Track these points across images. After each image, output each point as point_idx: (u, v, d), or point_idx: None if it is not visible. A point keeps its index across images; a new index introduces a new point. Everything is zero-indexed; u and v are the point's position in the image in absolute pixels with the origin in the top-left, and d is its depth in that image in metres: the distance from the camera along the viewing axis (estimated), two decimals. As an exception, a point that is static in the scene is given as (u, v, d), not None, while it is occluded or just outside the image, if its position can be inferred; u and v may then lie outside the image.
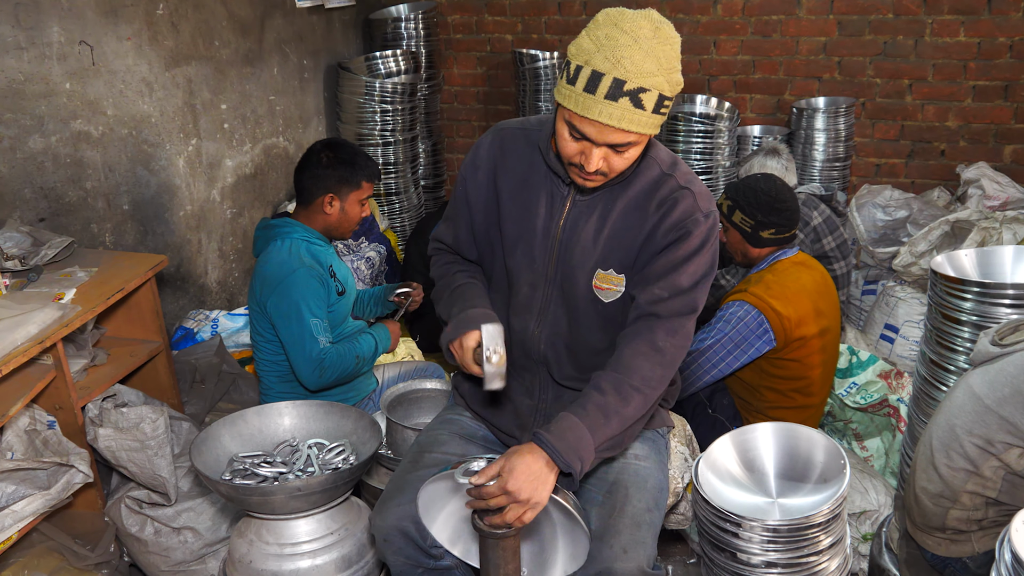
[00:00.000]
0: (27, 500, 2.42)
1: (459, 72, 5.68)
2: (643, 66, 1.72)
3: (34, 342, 2.42)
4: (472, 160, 2.14)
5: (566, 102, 1.79)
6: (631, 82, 1.72)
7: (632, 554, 1.93)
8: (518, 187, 2.07)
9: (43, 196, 3.19)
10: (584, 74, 1.75)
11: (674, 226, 1.96)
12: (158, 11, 3.60)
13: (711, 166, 4.66)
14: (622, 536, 1.96)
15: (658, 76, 1.73)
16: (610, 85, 1.72)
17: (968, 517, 2.12)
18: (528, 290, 2.10)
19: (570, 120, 1.81)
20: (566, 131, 1.84)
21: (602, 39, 1.74)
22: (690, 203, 1.97)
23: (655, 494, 2.08)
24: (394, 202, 4.99)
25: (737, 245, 3.10)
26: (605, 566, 1.92)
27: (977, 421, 2.06)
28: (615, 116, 1.75)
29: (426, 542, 2.06)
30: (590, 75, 1.74)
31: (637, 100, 1.73)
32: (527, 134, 2.09)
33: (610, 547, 1.94)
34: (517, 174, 2.07)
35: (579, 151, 1.85)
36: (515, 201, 2.07)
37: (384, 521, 2.05)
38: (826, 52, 4.94)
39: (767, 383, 3.02)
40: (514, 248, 2.09)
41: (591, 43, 1.76)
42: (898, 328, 4.00)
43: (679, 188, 1.98)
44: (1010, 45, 4.63)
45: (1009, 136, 4.79)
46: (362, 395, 3.11)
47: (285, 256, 2.86)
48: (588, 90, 1.74)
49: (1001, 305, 2.40)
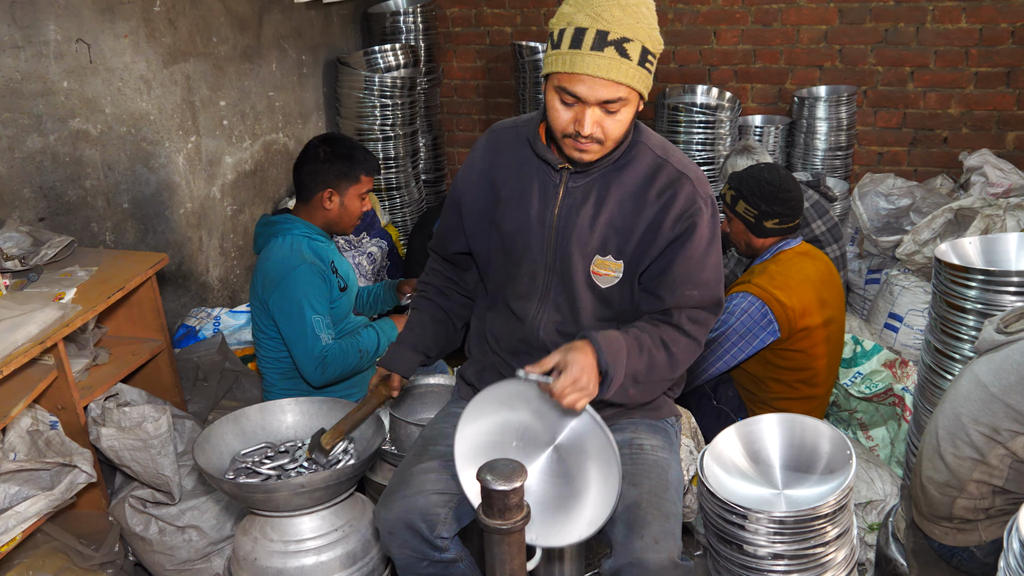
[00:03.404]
0: (31, 501, 2.41)
1: (458, 65, 5.66)
2: (623, 19, 1.78)
3: (35, 342, 2.41)
4: (468, 162, 2.19)
5: (554, 66, 1.84)
6: (614, 32, 1.78)
7: (663, 545, 1.93)
8: (512, 180, 2.10)
9: (42, 196, 3.18)
10: (568, 34, 1.80)
11: (679, 217, 1.98)
12: (155, 8, 3.59)
13: (713, 156, 4.65)
14: (652, 527, 1.95)
15: (638, 27, 1.80)
16: (594, 37, 1.78)
17: (975, 506, 2.11)
18: (528, 279, 2.12)
19: (559, 84, 1.85)
20: (557, 100, 1.88)
21: (580, 1, 1.81)
22: (690, 190, 1.99)
23: (676, 485, 2.09)
24: (395, 197, 4.97)
25: (741, 235, 3.09)
26: (637, 556, 1.92)
27: (983, 409, 2.05)
28: (603, 67, 1.79)
29: (432, 533, 2.05)
30: (574, 33, 1.79)
31: (622, 49, 1.79)
32: (518, 129, 2.13)
33: (641, 537, 1.94)
34: (511, 168, 2.11)
35: (572, 119, 1.88)
36: (510, 194, 2.10)
37: (389, 514, 2.05)
38: (827, 40, 4.91)
39: (772, 374, 3.01)
40: (513, 241, 2.11)
41: (571, 7, 1.82)
42: (902, 317, 3.99)
43: (677, 175, 2.00)
44: (1012, 31, 4.61)
45: (1012, 123, 4.77)
46: (365, 392, 3.11)
47: (287, 253, 2.86)
48: (574, 46, 1.80)
49: (1006, 292, 2.39)
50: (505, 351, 2.20)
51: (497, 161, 2.13)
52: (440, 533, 2.06)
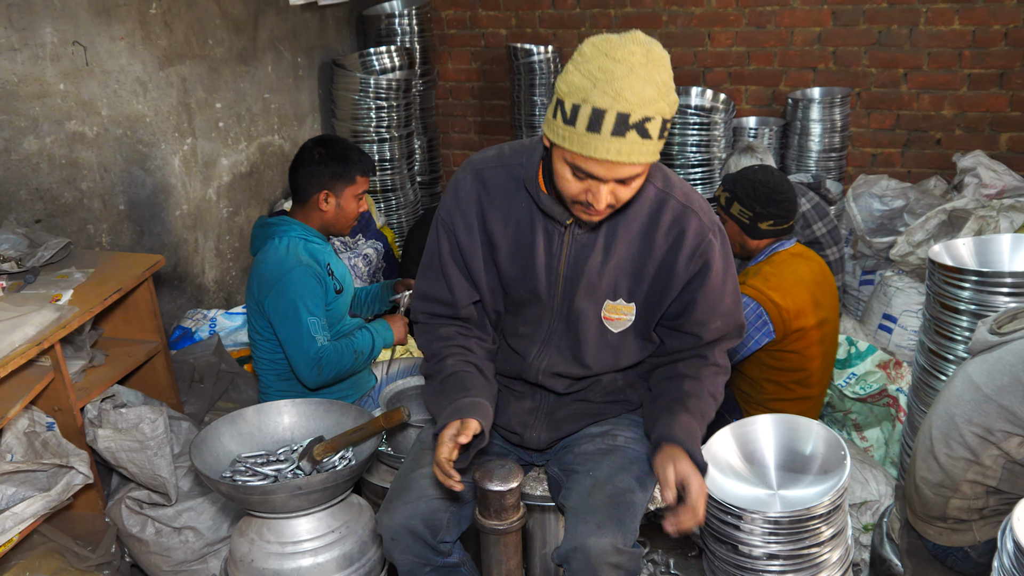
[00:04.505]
0: (27, 502, 2.41)
1: (453, 67, 5.67)
2: (644, 95, 1.64)
3: (32, 344, 2.41)
4: (454, 204, 2.00)
5: (567, 144, 1.70)
6: (635, 114, 1.64)
7: (606, 530, 1.93)
8: (511, 227, 1.98)
9: (39, 197, 3.18)
10: (584, 113, 1.65)
11: (692, 256, 1.94)
12: (151, 10, 3.59)
13: (707, 158, 4.66)
14: (598, 513, 1.96)
15: (659, 102, 1.66)
16: (615, 121, 1.64)
17: (969, 506, 2.12)
18: (533, 320, 2.06)
19: (573, 161, 1.72)
20: (568, 172, 1.76)
21: (595, 72, 1.64)
22: (697, 225, 1.93)
23: (641, 477, 2.06)
24: (391, 199, 4.98)
25: (735, 237, 3.10)
26: (580, 541, 1.93)
27: (976, 410, 2.06)
28: (624, 152, 1.67)
29: (435, 538, 2.06)
30: (591, 113, 1.65)
31: (643, 131, 1.66)
32: (508, 169, 1.98)
33: (585, 522, 1.95)
34: (507, 214, 1.97)
35: (584, 190, 1.77)
36: (510, 242, 1.98)
37: (392, 520, 2.05)
38: (821, 42, 4.93)
39: (767, 375, 3.02)
40: (516, 284, 2.02)
41: (584, 79, 1.66)
42: (896, 318, 4.00)
43: (682, 210, 1.93)
44: (1005, 33, 4.63)
45: (1005, 124, 4.79)
46: (361, 392, 3.11)
47: (283, 255, 2.86)
48: (592, 129, 1.65)
49: (999, 294, 2.40)
50: (501, 375, 2.18)
51: (489, 205, 1.97)
52: (443, 538, 2.06)
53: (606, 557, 1.92)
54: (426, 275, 2.08)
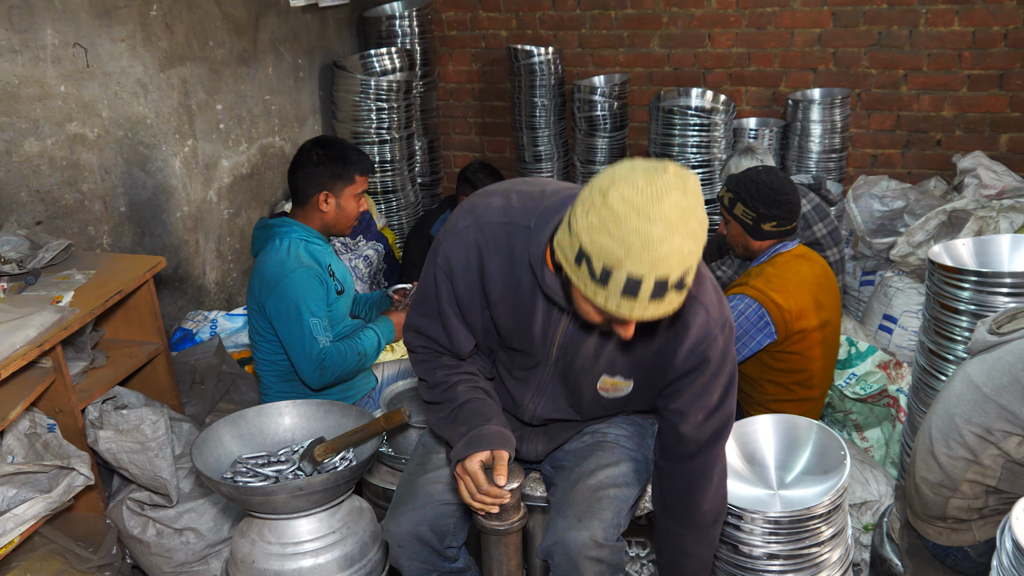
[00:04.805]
0: (28, 504, 2.42)
1: (454, 69, 5.67)
2: (683, 254, 1.46)
3: (33, 345, 2.42)
4: (453, 253, 1.85)
5: (598, 300, 1.52)
6: (674, 275, 1.47)
7: (585, 523, 1.93)
8: (510, 289, 1.84)
9: (39, 199, 3.19)
10: (618, 278, 1.47)
11: (692, 351, 1.80)
12: (152, 12, 3.60)
13: (708, 159, 4.66)
14: (578, 507, 1.96)
15: (697, 249, 1.49)
16: (653, 288, 1.47)
17: (968, 506, 2.12)
18: (528, 366, 1.97)
19: (598, 309, 1.59)
20: (592, 309, 1.62)
21: (630, 238, 1.44)
22: (703, 320, 1.79)
23: (627, 472, 2.05)
24: (391, 200, 4.98)
25: (738, 238, 3.10)
26: (560, 535, 1.93)
27: (976, 410, 2.06)
28: (661, 310, 1.52)
29: (441, 544, 2.06)
30: (626, 280, 1.47)
31: (681, 285, 1.50)
32: (513, 229, 1.79)
33: (565, 516, 1.95)
34: (508, 275, 1.83)
35: (607, 321, 1.64)
36: (507, 302, 1.86)
37: (399, 527, 2.05)
38: (821, 43, 4.93)
39: (768, 376, 3.02)
40: (511, 337, 1.91)
41: (617, 245, 1.45)
42: (896, 318, 4.00)
43: (691, 301, 1.77)
44: (1004, 34, 4.63)
45: (1005, 125, 4.79)
46: (362, 393, 3.12)
47: (283, 256, 2.86)
48: (627, 294, 1.48)
49: (999, 294, 2.40)
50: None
51: (489, 262, 1.83)
52: (450, 543, 2.07)
53: (586, 551, 1.92)
54: (422, 312, 1.96)
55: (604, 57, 5.31)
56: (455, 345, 1.95)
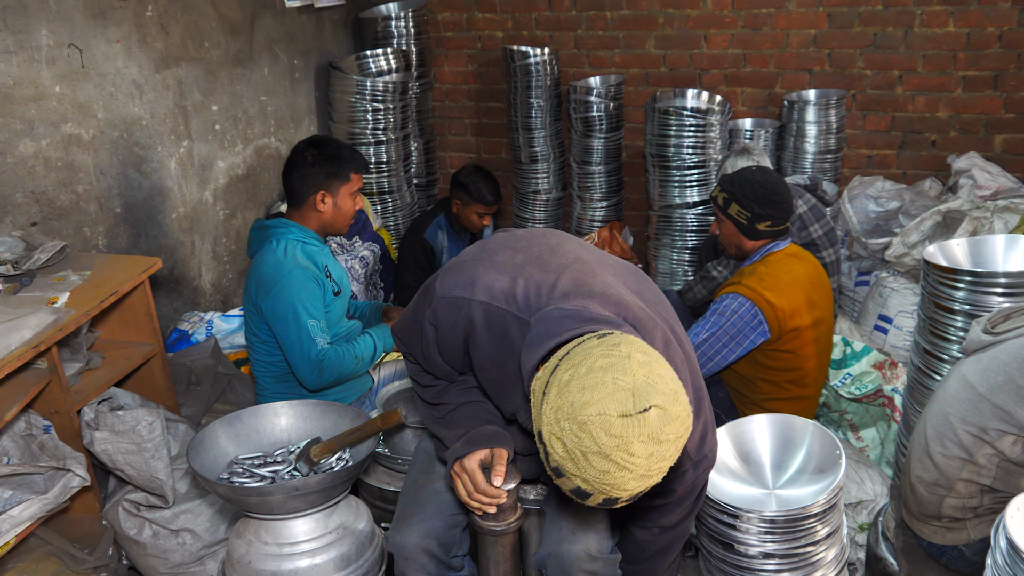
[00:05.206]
0: (24, 505, 2.41)
1: (450, 70, 5.67)
2: (641, 487, 1.43)
3: (28, 347, 2.41)
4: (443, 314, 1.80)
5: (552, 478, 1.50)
6: (627, 496, 1.44)
7: (580, 536, 1.93)
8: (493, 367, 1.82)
9: (35, 200, 3.18)
10: (567, 483, 1.46)
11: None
12: (147, 13, 3.60)
13: (703, 160, 4.67)
14: (572, 519, 1.96)
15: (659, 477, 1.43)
16: (601, 501, 1.46)
17: (963, 505, 2.13)
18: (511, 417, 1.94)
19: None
20: None
21: (587, 470, 1.39)
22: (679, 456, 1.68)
23: None
24: (387, 201, 4.98)
25: (732, 237, 3.11)
26: (554, 548, 1.94)
27: (971, 409, 2.07)
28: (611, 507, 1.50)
29: (447, 555, 2.06)
30: (575, 488, 1.45)
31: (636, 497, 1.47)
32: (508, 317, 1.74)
33: (559, 528, 1.95)
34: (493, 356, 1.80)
35: None
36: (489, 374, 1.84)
37: (406, 540, 2.04)
38: (816, 44, 4.94)
39: (762, 375, 3.03)
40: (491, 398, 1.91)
41: (571, 464, 1.40)
42: (891, 318, 4.01)
43: None
44: (999, 35, 4.64)
45: (999, 126, 4.80)
46: (358, 394, 3.12)
47: (280, 258, 2.86)
48: (576, 495, 1.46)
49: (993, 294, 2.41)
50: None
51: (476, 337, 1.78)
52: (455, 553, 2.07)
53: (580, 563, 1.92)
54: (409, 335, 1.95)
55: (600, 58, 5.31)
56: (440, 375, 1.94)
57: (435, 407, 1.99)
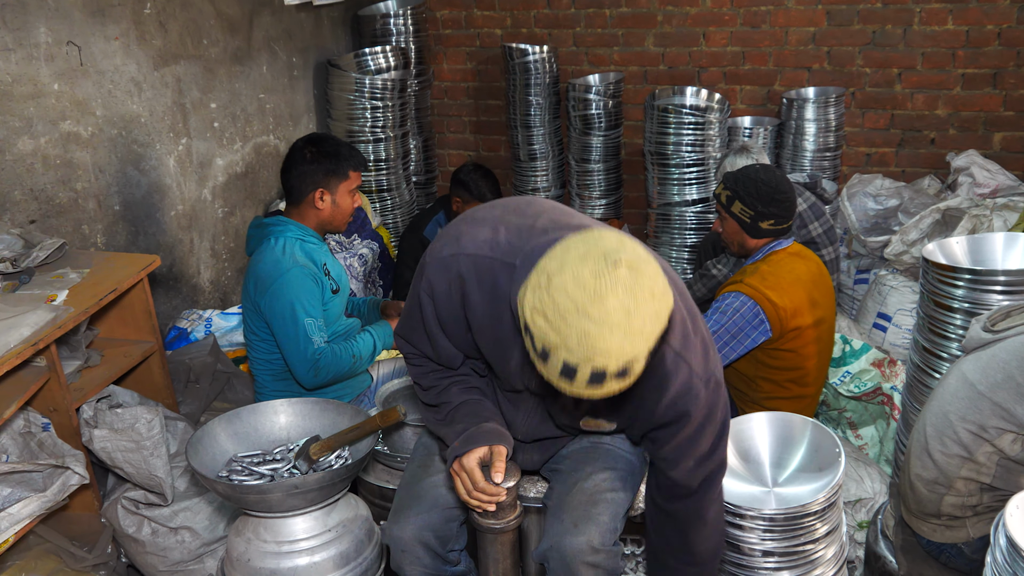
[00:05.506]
0: (23, 503, 2.41)
1: (449, 67, 5.67)
2: (623, 349, 1.41)
3: (27, 344, 2.41)
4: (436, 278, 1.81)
5: (540, 369, 1.51)
6: (613, 366, 1.43)
7: (582, 528, 1.93)
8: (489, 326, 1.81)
9: (33, 198, 3.18)
10: (554, 361, 1.45)
11: (672, 405, 1.76)
12: (145, 10, 3.59)
13: (702, 158, 4.67)
14: (574, 511, 1.96)
15: (643, 345, 1.44)
16: (590, 375, 1.44)
17: (963, 503, 2.13)
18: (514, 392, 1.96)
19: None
20: None
21: (566, 330, 1.40)
22: (685, 375, 1.74)
23: (624, 475, 2.05)
24: (386, 199, 4.98)
25: (734, 235, 3.10)
26: (555, 540, 1.93)
27: (970, 407, 2.07)
28: (601, 392, 1.49)
29: (444, 549, 2.06)
30: (562, 365, 1.44)
31: (624, 374, 1.45)
32: (495, 264, 1.75)
33: (561, 521, 1.95)
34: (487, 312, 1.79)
35: None
36: (487, 335, 1.83)
37: (402, 532, 2.04)
38: (815, 42, 4.94)
39: (763, 373, 3.03)
40: (493, 365, 1.90)
41: (552, 332, 1.42)
42: (891, 316, 4.02)
43: (674, 357, 1.72)
44: (998, 32, 4.64)
45: (998, 123, 4.80)
46: (357, 392, 3.11)
47: (279, 255, 2.86)
48: (564, 376, 1.46)
49: (992, 292, 2.41)
50: None
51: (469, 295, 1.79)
52: (452, 547, 2.06)
53: (582, 556, 1.92)
54: (410, 326, 1.95)
55: (599, 56, 5.31)
56: (444, 361, 1.94)
57: (436, 408, 1.99)
